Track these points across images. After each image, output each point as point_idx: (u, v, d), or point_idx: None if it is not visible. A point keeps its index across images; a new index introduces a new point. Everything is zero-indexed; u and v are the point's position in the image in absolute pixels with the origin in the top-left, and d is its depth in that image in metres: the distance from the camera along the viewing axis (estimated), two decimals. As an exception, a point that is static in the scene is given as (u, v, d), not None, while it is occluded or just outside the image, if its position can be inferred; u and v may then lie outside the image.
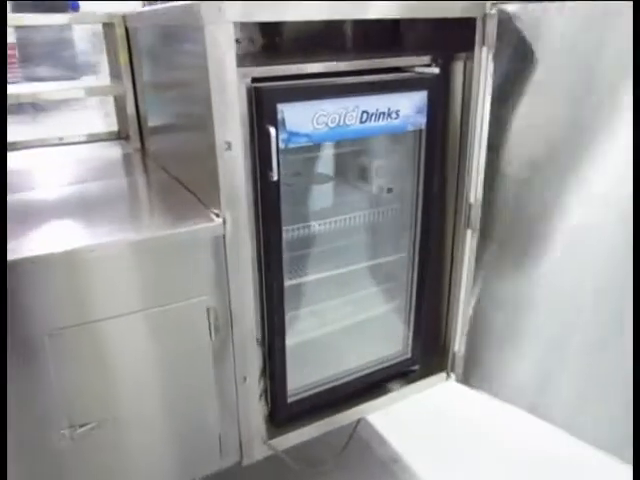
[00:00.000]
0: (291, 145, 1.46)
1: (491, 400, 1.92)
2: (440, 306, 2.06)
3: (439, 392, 2.13)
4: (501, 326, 1.85)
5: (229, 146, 1.31)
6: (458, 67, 1.78)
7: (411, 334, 1.99)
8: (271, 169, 1.42)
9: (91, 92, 2.15)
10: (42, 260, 1.18)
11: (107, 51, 2.17)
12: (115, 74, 2.17)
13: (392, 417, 2.40)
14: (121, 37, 2.01)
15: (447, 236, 1.96)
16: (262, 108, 1.39)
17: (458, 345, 2.01)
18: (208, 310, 1.41)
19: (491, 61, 1.64)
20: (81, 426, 1.33)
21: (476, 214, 1.80)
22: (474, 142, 1.74)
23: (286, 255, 1.83)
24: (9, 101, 1.77)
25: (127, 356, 1.36)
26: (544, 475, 2.13)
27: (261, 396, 1.76)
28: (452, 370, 2.06)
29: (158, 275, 1.33)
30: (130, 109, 2.16)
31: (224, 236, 1.37)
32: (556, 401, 1.74)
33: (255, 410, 1.64)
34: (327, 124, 1.50)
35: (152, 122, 2.03)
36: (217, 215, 1.37)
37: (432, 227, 1.87)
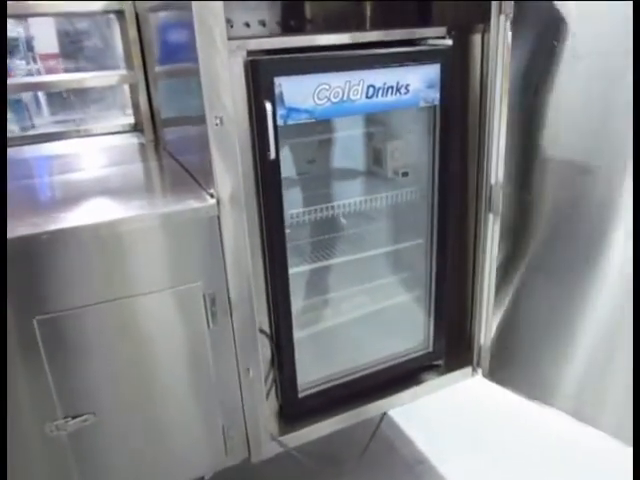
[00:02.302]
0: (290, 122, 1.38)
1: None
2: (464, 296, 1.94)
3: (468, 387, 2.01)
4: (542, 323, 1.68)
5: (221, 121, 1.25)
6: (476, 40, 1.66)
7: (432, 326, 1.88)
8: (268, 147, 1.34)
9: (102, 82, 2.12)
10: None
11: (121, 39, 2.14)
12: (129, 65, 2.15)
13: (418, 414, 2.29)
14: (131, 23, 1.98)
15: (469, 221, 1.84)
16: (258, 82, 1.32)
17: (484, 338, 1.88)
18: (204, 296, 1.34)
19: (509, 30, 1.52)
20: (74, 417, 1.28)
21: (497, 197, 1.68)
22: (493, 119, 1.62)
23: (298, 242, 1.77)
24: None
25: (121, 345, 1.31)
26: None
27: (270, 390, 1.69)
28: (478, 365, 1.93)
29: (148, 258, 1.27)
30: (143, 101, 2.13)
31: (219, 217, 1.30)
32: (603, 406, 1.58)
33: (261, 404, 1.56)
34: (329, 99, 1.42)
35: (163, 113, 2.00)
36: (211, 195, 1.30)
37: (450, 212, 1.76)
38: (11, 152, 1.94)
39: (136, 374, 1.35)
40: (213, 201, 1.29)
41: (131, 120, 2.28)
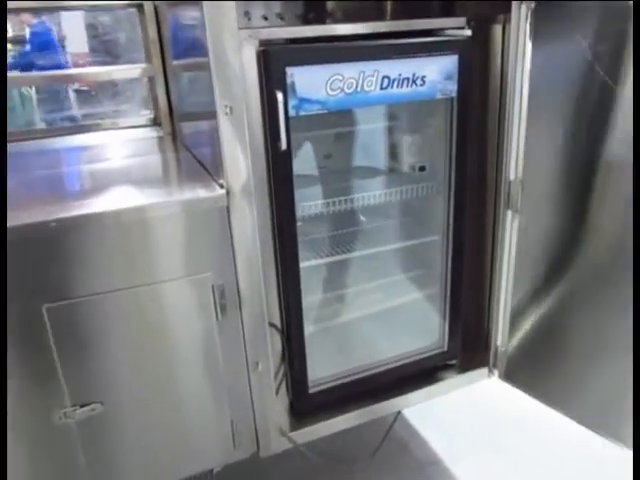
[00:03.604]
0: (302, 112, 1.37)
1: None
2: (481, 296, 1.89)
3: (484, 388, 1.96)
4: (572, 329, 1.60)
5: (230, 110, 1.23)
6: (497, 31, 1.62)
7: (447, 325, 1.84)
8: (279, 137, 1.32)
9: (123, 75, 2.14)
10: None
11: (142, 34, 2.16)
12: (148, 58, 2.16)
13: (433, 414, 2.25)
14: (150, 17, 1.99)
15: (487, 217, 1.79)
16: (269, 71, 1.30)
17: (501, 339, 1.83)
18: (213, 288, 1.33)
19: (530, 18, 1.47)
20: (82, 406, 1.28)
21: (516, 192, 1.63)
22: (513, 113, 1.57)
23: (313, 235, 1.75)
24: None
25: (131, 334, 1.30)
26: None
27: (281, 384, 1.67)
28: (494, 366, 1.88)
29: (154, 248, 1.26)
30: (161, 95, 2.14)
31: (228, 208, 1.29)
32: (626, 422, 1.48)
33: (270, 399, 1.54)
34: (343, 90, 1.39)
35: (179, 107, 2.00)
36: (221, 186, 1.29)
37: (468, 208, 1.71)
38: (39, 144, 1.98)
39: (145, 364, 1.35)
40: (222, 191, 1.28)
41: (151, 114, 2.30)
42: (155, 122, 2.32)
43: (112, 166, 1.70)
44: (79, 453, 1.32)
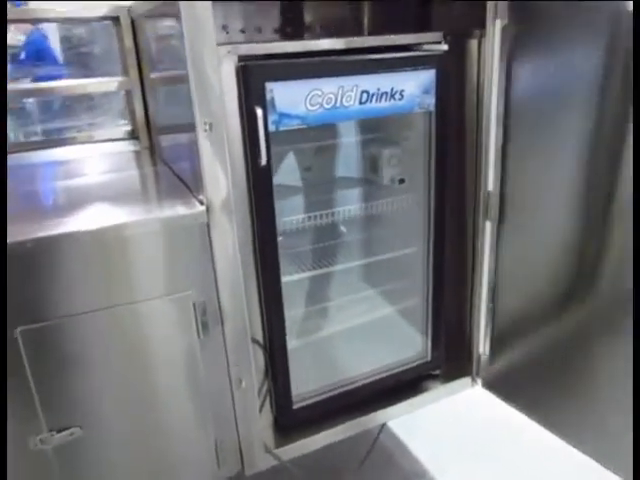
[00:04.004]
0: (282, 128, 1.36)
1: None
2: (463, 305, 1.90)
3: (469, 397, 1.96)
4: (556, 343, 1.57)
5: (210, 127, 1.22)
6: (472, 45, 1.64)
7: (430, 335, 1.84)
8: (259, 153, 1.32)
9: (98, 88, 2.12)
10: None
11: (118, 46, 2.14)
12: (125, 72, 2.14)
13: (419, 425, 2.24)
14: (126, 30, 1.97)
15: (467, 228, 1.81)
16: (249, 87, 1.30)
17: (483, 347, 1.84)
18: (194, 305, 1.31)
19: (504, 35, 1.50)
20: (59, 431, 1.25)
21: (495, 203, 1.64)
22: (489, 125, 1.59)
23: (294, 249, 1.75)
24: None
25: (107, 356, 1.28)
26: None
27: (265, 401, 1.66)
28: (477, 375, 1.89)
29: (134, 267, 1.24)
30: (138, 108, 2.12)
31: (208, 224, 1.27)
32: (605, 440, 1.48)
33: (254, 416, 1.53)
34: (322, 105, 1.40)
35: (157, 120, 1.99)
36: (201, 202, 1.28)
37: (447, 219, 1.73)
38: (12, 158, 1.93)
39: (125, 385, 1.32)
40: (203, 208, 1.27)
41: (128, 127, 2.27)
42: (132, 135, 2.30)
43: (90, 182, 1.68)
44: None
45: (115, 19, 2.01)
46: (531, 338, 1.64)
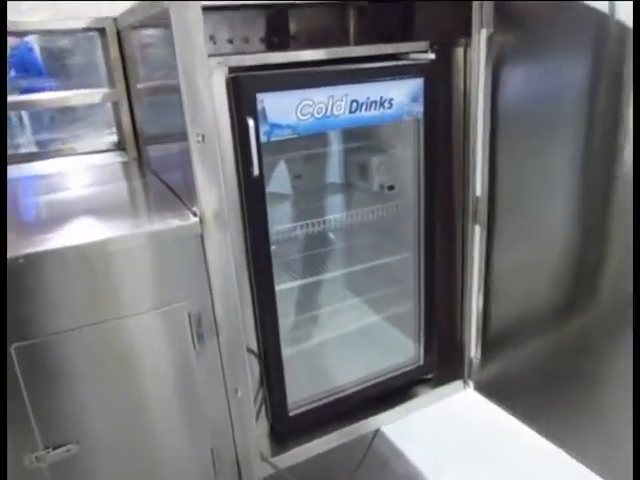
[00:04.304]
0: (274, 138, 1.37)
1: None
2: (453, 308, 1.93)
3: (462, 399, 1.98)
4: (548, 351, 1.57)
5: (202, 139, 1.23)
6: (459, 53, 1.67)
7: (422, 340, 1.86)
8: (251, 164, 1.33)
9: (84, 100, 2.11)
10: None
11: (103, 58, 2.13)
12: (111, 83, 2.14)
13: (412, 428, 2.25)
14: (112, 41, 1.97)
15: (457, 233, 1.83)
16: (240, 98, 1.31)
17: (474, 350, 1.87)
18: (190, 316, 1.31)
19: (489, 44, 1.53)
20: (55, 448, 1.24)
21: (483, 208, 1.67)
22: (476, 131, 1.62)
23: (286, 258, 1.75)
24: None
25: (105, 369, 1.27)
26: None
27: (260, 409, 1.66)
28: (469, 377, 1.91)
29: (131, 279, 1.24)
30: (125, 119, 2.11)
31: (202, 236, 1.28)
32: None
33: (251, 425, 1.53)
34: (313, 114, 1.41)
35: (145, 131, 1.98)
36: (194, 214, 1.28)
37: (437, 224, 1.75)
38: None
39: (120, 399, 1.31)
40: (196, 219, 1.27)
41: (114, 138, 2.26)
42: (119, 147, 2.29)
43: (78, 195, 1.67)
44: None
45: (101, 30, 2.01)
46: (524, 343, 1.67)
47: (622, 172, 1.26)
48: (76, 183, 1.85)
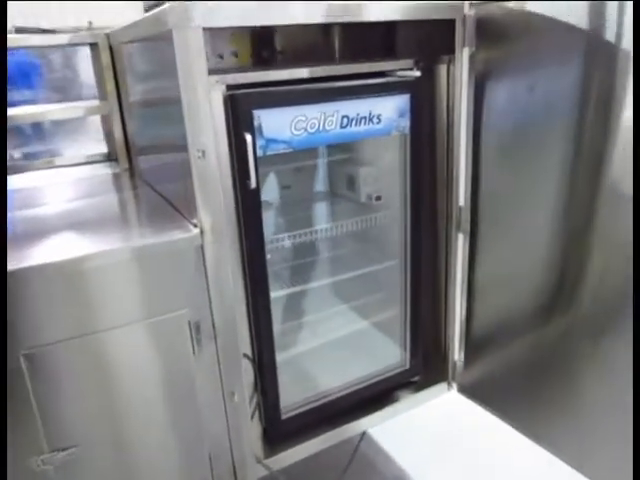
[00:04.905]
0: (269, 152, 1.44)
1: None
2: (438, 314, 2.01)
3: (446, 401, 2.06)
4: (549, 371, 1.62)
5: (203, 154, 1.29)
6: (442, 70, 1.75)
7: (409, 344, 1.93)
8: (249, 177, 1.39)
9: (76, 113, 2.14)
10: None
11: (94, 71, 2.17)
12: (102, 95, 2.17)
13: (397, 431, 2.32)
14: (105, 56, 2.01)
15: (440, 240, 1.91)
16: (237, 115, 1.36)
17: (457, 354, 1.95)
18: (190, 324, 1.37)
19: (471, 62, 1.62)
20: (60, 451, 1.28)
21: (466, 218, 1.76)
22: (459, 144, 1.71)
23: (276, 267, 1.81)
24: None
25: (104, 375, 1.32)
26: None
27: (254, 413, 1.71)
28: (453, 379, 1.99)
29: (133, 290, 1.29)
30: (117, 130, 2.15)
31: (202, 247, 1.33)
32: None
33: (246, 428, 1.58)
34: (306, 130, 1.48)
35: (138, 142, 2.03)
36: (195, 225, 1.34)
37: (423, 233, 1.82)
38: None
39: (121, 405, 1.36)
40: (197, 231, 1.33)
41: (103, 149, 2.30)
42: (109, 157, 2.33)
43: (79, 206, 1.70)
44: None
45: (94, 45, 2.05)
46: (506, 346, 1.76)
47: (603, 183, 1.35)
48: (74, 194, 1.88)
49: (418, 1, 1.53)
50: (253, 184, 1.40)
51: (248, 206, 1.44)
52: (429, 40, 1.74)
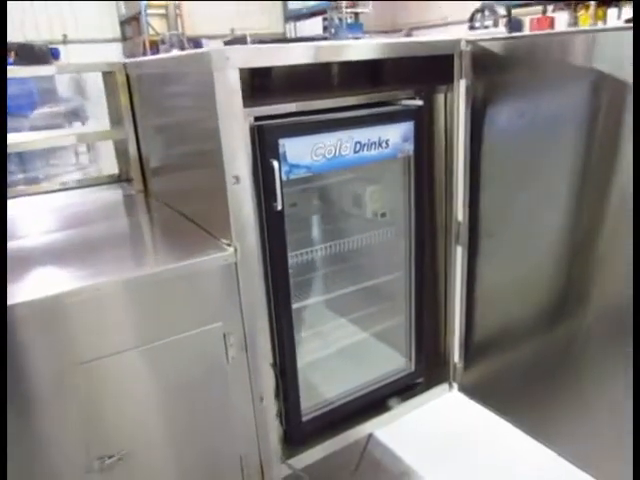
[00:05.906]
0: (292, 176, 1.58)
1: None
2: (439, 319, 2.17)
3: (450, 400, 2.20)
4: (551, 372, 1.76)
5: (237, 180, 1.43)
6: (440, 98, 1.93)
7: (414, 349, 2.09)
8: (276, 200, 1.53)
9: (93, 138, 2.25)
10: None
11: (107, 98, 2.29)
12: (115, 119, 2.29)
13: (403, 431, 2.45)
14: (122, 84, 2.13)
15: (439, 252, 2.08)
16: (265, 144, 1.51)
17: (457, 356, 2.11)
18: (224, 335, 1.50)
19: (468, 91, 1.79)
20: (109, 457, 1.39)
21: (465, 232, 1.92)
22: (459, 165, 1.88)
23: (291, 280, 1.94)
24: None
25: (147, 386, 1.44)
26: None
27: (276, 417, 1.84)
28: (454, 380, 2.15)
29: (178, 304, 1.42)
30: (132, 152, 2.26)
31: (236, 264, 1.47)
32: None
33: (273, 430, 1.71)
34: (324, 155, 1.63)
35: (155, 163, 2.14)
36: (228, 244, 1.47)
37: (426, 246, 1.99)
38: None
39: (163, 414, 1.49)
40: (231, 249, 1.46)
41: (119, 171, 2.41)
42: (120, 178, 2.44)
43: (119, 225, 1.82)
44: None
45: (110, 74, 2.17)
46: (504, 348, 1.93)
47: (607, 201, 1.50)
48: (104, 214, 1.99)
49: (421, 40, 1.70)
50: (279, 206, 1.55)
51: (274, 226, 1.58)
52: (430, 72, 1.91)
